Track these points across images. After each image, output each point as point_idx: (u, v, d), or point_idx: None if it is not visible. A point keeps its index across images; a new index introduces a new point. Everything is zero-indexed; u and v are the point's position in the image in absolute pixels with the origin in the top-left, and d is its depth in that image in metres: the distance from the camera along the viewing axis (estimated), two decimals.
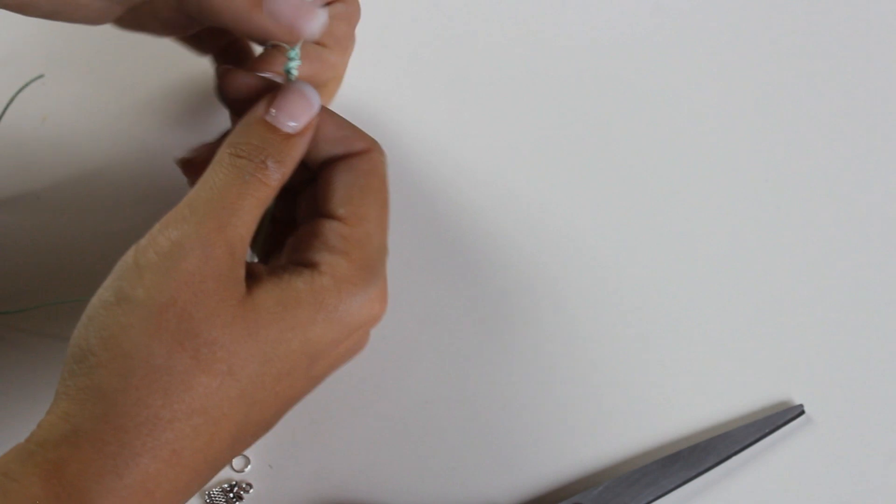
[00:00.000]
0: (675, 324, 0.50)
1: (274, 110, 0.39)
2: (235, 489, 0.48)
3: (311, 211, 0.42)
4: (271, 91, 0.40)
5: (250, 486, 0.48)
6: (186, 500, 0.37)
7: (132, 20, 0.45)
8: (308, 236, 0.40)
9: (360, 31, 0.48)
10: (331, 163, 0.41)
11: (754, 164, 0.52)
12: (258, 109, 0.40)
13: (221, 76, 0.41)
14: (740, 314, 0.50)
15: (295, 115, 0.39)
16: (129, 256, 0.37)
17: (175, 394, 0.35)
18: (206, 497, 0.48)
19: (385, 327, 0.49)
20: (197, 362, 0.35)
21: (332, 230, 0.39)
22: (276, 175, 0.39)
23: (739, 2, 0.54)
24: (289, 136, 0.39)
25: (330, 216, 0.40)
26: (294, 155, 0.39)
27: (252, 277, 0.38)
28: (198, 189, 0.38)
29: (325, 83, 0.47)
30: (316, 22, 0.41)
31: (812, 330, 0.49)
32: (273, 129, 0.39)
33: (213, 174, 0.38)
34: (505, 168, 0.52)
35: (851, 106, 0.53)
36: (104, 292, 0.37)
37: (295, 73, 0.42)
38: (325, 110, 0.41)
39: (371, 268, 0.40)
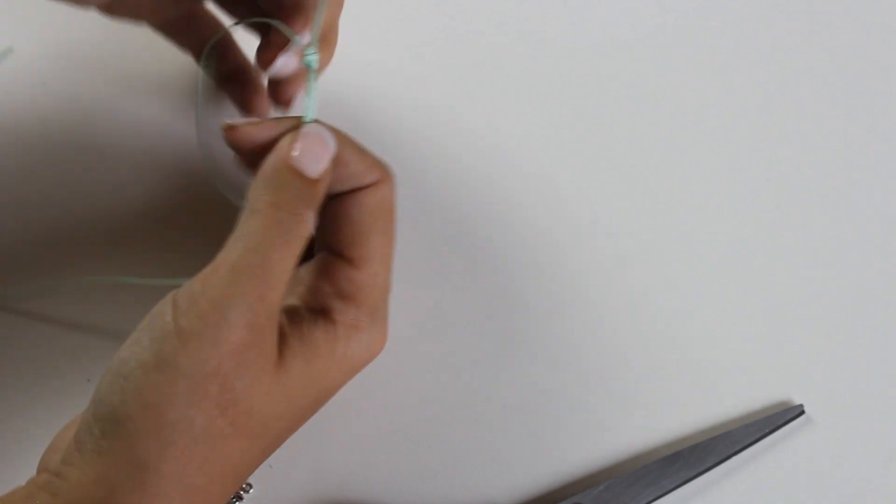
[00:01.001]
0: (675, 324, 0.50)
1: (305, 160, 0.39)
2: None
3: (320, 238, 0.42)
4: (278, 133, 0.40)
5: (250, 486, 0.48)
6: None
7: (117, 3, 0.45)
8: (319, 278, 0.40)
9: (364, 26, 0.48)
10: (340, 195, 0.41)
11: (755, 164, 0.52)
12: (282, 152, 0.39)
13: (229, 134, 0.40)
14: (740, 314, 0.50)
15: (319, 159, 0.39)
16: (167, 314, 0.36)
17: (212, 460, 0.35)
18: None
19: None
20: (235, 430, 0.36)
21: (341, 273, 0.40)
22: (311, 227, 0.38)
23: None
24: (315, 182, 0.39)
25: (338, 254, 0.40)
26: (320, 200, 0.39)
27: (284, 338, 0.39)
28: (239, 248, 0.37)
29: (326, 38, 0.46)
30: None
31: (812, 330, 0.49)
32: (302, 177, 0.38)
33: (254, 230, 0.37)
34: (506, 169, 0.52)
35: (854, 105, 0.53)
36: (142, 352, 0.36)
37: (315, 64, 0.41)
38: (340, 147, 0.40)
39: (375, 310, 0.41)
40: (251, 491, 0.48)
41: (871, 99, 0.53)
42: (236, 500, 0.48)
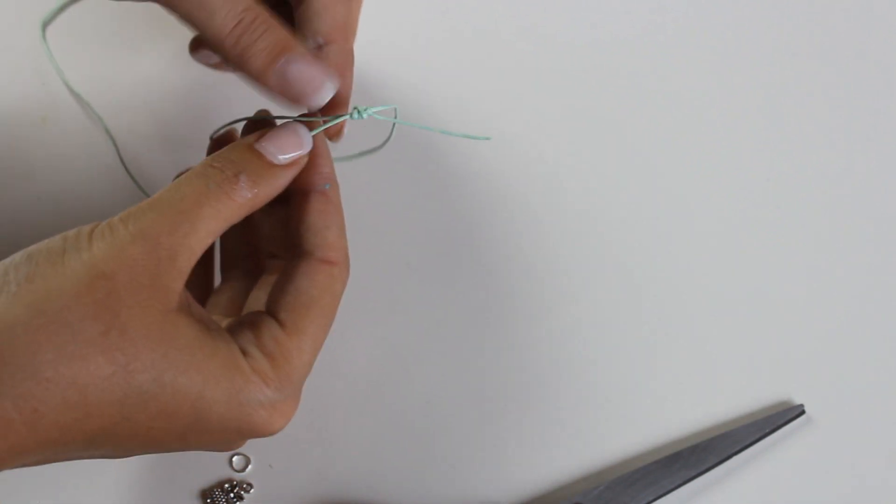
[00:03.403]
0: (676, 324, 0.50)
1: (265, 142, 0.40)
2: (236, 489, 0.48)
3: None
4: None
5: (251, 486, 0.48)
6: (16, 467, 0.36)
7: None
8: (246, 325, 0.40)
9: (361, 25, 0.48)
10: (297, 254, 0.41)
11: (755, 163, 0.52)
12: (249, 138, 0.40)
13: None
14: (741, 314, 0.50)
15: (284, 148, 0.40)
16: (86, 227, 0.37)
17: (67, 358, 0.35)
18: (207, 498, 0.48)
19: (385, 327, 0.50)
20: (103, 339, 0.35)
21: (269, 330, 0.40)
22: (246, 193, 0.39)
23: None
24: (271, 163, 0.39)
25: (273, 315, 0.40)
26: (272, 183, 0.40)
27: (188, 308, 0.38)
28: (166, 189, 0.38)
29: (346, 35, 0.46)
30: (323, 95, 0.41)
31: (812, 330, 0.49)
32: (257, 154, 0.39)
33: (184, 179, 0.38)
34: (506, 169, 0.52)
35: (854, 104, 0.52)
36: (54, 240, 0.37)
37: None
38: (332, 203, 0.41)
39: (289, 379, 0.39)
40: (252, 491, 0.48)
41: (871, 96, 0.52)
42: (237, 501, 0.48)
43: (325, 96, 0.41)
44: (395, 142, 0.51)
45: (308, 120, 0.42)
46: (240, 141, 0.40)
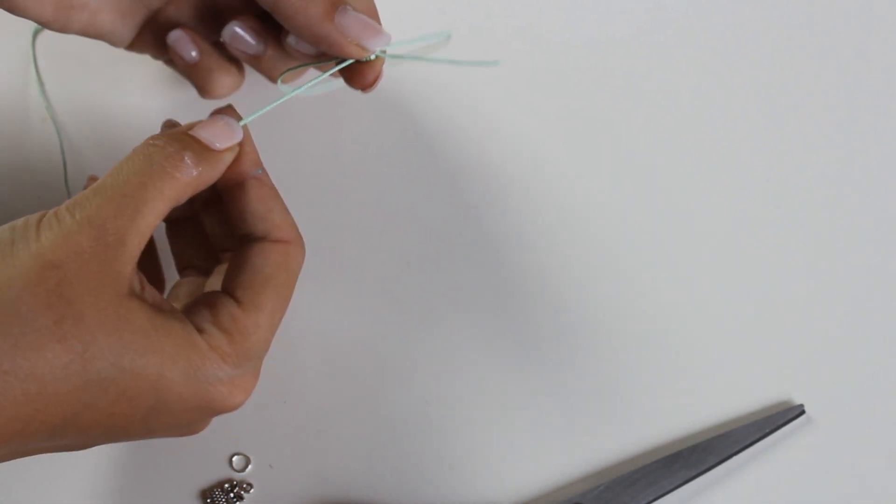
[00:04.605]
0: (676, 324, 0.50)
1: (200, 130, 0.40)
2: (236, 489, 0.48)
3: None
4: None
5: (251, 486, 0.48)
6: None
7: (147, 38, 0.47)
8: (202, 304, 0.40)
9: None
10: (248, 241, 0.42)
11: (755, 163, 0.52)
12: (182, 127, 0.41)
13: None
14: (741, 314, 0.50)
15: (217, 137, 0.40)
16: (34, 217, 0.37)
17: (23, 349, 0.35)
18: (207, 498, 0.48)
19: (385, 327, 0.50)
20: (58, 328, 0.35)
21: (225, 308, 0.40)
22: (191, 171, 0.39)
23: None
24: (209, 146, 0.40)
25: (229, 293, 0.41)
26: (213, 164, 0.40)
27: (141, 291, 0.38)
28: (108, 174, 0.38)
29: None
30: (381, 41, 0.43)
31: (812, 330, 0.49)
32: (196, 139, 0.40)
33: (125, 160, 0.39)
34: (505, 167, 0.52)
35: (854, 104, 0.52)
36: (2, 230, 0.37)
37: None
38: (267, 186, 0.42)
39: (247, 354, 0.40)
40: (252, 491, 0.48)
41: (871, 96, 0.52)
42: (237, 500, 0.48)
43: (383, 40, 0.43)
44: (394, 138, 0.51)
45: (325, 63, 0.44)
46: (176, 129, 0.41)
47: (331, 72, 0.44)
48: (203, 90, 0.48)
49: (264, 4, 0.43)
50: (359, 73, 0.44)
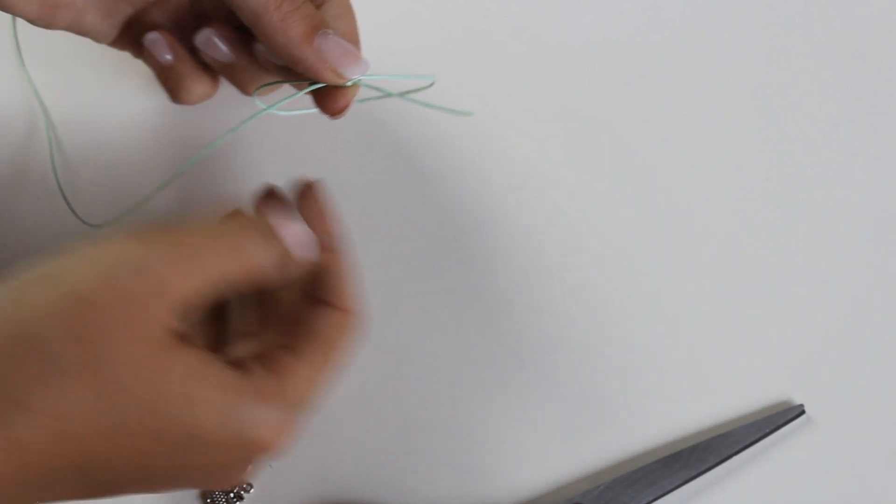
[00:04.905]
0: (676, 324, 0.50)
1: (285, 230, 0.41)
2: (236, 489, 0.48)
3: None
4: None
5: (250, 486, 0.48)
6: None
7: (129, 35, 0.46)
8: (254, 353, 0.40)
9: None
10: (313, 303, 0.42)
11: (754, 163, 0.52)
12: (275, 217, 0.41)
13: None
14: (741, 314, 0.50)
15: (302, 247, 0.41)
16: (78, 246, 0.37)
17: (52, 387, 0.34)
18: (207, 497, 0.48)
19: (385, 327, 0.50)
20: (83, 370, 0.34)
21: (279, 354, 0.39)
22: (261, 258, 0.39)
23: None
24: (287, 252, 0.40)
25: (281, 343, 0.40)
26: (283, 270, 0.40)
27: (181, 337, 0.37)
28: (176, 224, 0.38)
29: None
30: (358, 69, 0.43)
31: (812, 330, 0.49)
32: (282, 244, 0.40)
33: (199, 219, 0.39)
34: (504, 168, 0.52)
35: (853, 102, 0.52)
36: (48, 263, 0.36)
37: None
38: (345, 259, 0.43)
39: (294, 401, 0.39)
40: (251, 491, 0.48)
41: (871, 96, 0.52)
42: (237, 500, 0.48)
43: (361, 69, 0.43)
44: (388, 137, 0.51)
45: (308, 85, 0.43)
46: (268, 224, 0.41)
47: (304, 91, 0.44)
48: (173, 95, 0.47)
49: (244, 19, 0.43)
50: (330, 98, 0.44)
